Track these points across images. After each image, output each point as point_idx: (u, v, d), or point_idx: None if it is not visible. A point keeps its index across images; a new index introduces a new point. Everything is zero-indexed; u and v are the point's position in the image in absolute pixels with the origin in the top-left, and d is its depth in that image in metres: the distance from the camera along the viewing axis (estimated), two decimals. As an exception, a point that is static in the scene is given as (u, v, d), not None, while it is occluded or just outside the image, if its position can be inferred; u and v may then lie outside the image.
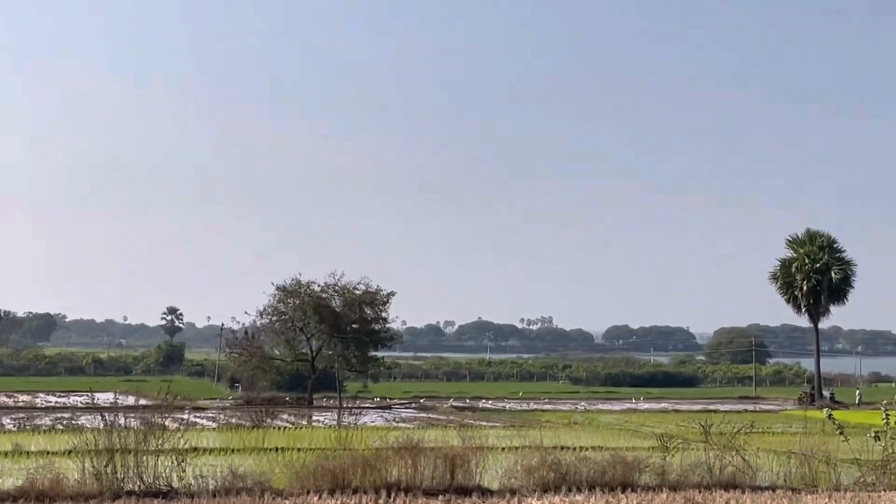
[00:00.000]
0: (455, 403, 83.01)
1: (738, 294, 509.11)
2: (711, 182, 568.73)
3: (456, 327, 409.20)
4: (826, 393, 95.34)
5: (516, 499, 23.60)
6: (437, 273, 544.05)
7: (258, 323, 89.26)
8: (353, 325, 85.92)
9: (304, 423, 59.28)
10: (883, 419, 28.57)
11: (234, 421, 55.84)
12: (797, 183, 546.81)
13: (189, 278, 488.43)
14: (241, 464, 27.13)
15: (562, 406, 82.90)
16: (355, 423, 49.28)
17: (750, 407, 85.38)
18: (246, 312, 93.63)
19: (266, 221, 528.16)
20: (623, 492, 24.58)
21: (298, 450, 33.72)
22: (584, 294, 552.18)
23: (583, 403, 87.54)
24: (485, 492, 24.53)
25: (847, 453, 29.88)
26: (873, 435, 28.36)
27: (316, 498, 23.08)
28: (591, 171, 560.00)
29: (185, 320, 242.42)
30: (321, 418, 64.12)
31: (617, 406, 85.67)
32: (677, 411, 75.69)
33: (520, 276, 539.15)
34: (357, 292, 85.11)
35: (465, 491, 24.38)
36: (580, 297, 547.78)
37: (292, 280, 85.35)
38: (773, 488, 25.82)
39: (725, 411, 64.79)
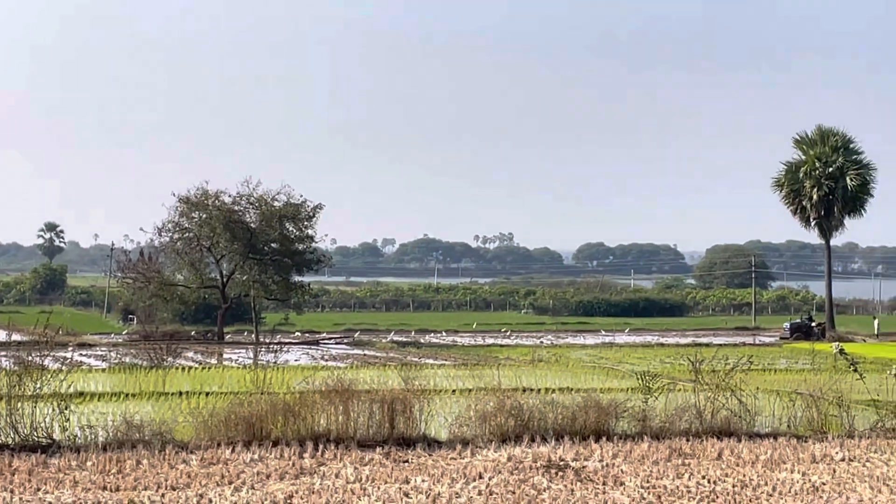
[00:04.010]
0: (396, 338, 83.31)
1: (736, 205, 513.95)
2: (703, 64, 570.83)
3: (397, 247, 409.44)
4: (809, 320, 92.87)
5: (469, 451, 23.80)
6: (373, 183, 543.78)
7: (156, 242, 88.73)
8: (272, 245, 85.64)
9: (214, 362, 59.35)
10: (906, 353, 29.03)
11: (128, 360, 55.78)
12: (808, 72, 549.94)
13: (72, 188, 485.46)
14: (137, 411, 27.16)
15: (524, 340, 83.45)
16: (275, 362, 49.33)
17: (748, 339, 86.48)
18: (141, 229, 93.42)
19: (168, 118, 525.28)
20: (597, 441, 24.85)
21: (207, 394, 33.81)
22: (551, 206, 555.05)
23: (549, 337, 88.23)
24: (431, 443, 24.71)
25: (862, 394, 30.38)
26: (894, 372, 28.80)
27: (228, 451, 23.16)
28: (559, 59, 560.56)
29: (66, 239, 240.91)
30: (234, 356, 64.22)
31: (590, 340, 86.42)
32: (662, 345, 76.51)
33: (473, 184, 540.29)
34: (276, 205, 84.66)
35: (407, 442, 24.55)
36: (545, 209, 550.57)
37: (197, 189, 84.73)
38: (774, 435, 26.20)
39: (719, 345, 65.43)
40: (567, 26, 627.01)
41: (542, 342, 79.70)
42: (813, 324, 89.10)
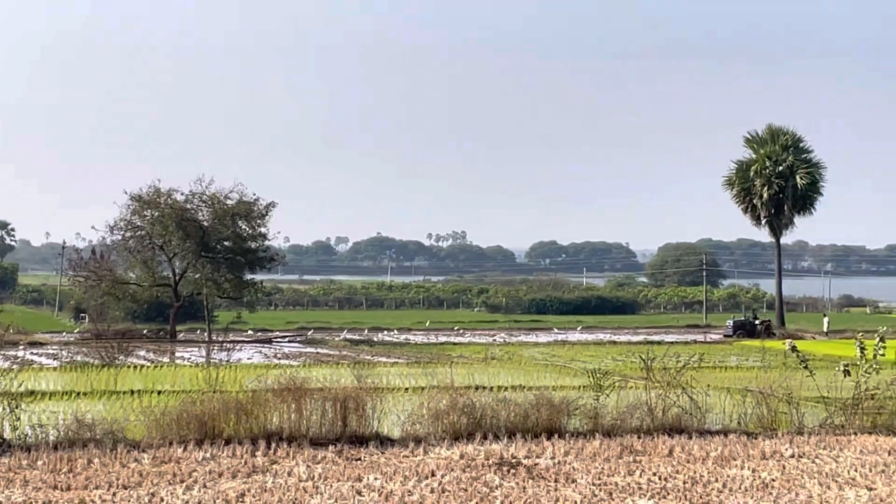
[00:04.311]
0: (349, 336, 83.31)
1: (687, 204, 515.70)
2: (654, 62, 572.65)
3: (350, 245, 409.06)
4: (754, 318, 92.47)
5: (421, 448, 23.79)
6: (326, 181, 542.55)
7: (108, 240, 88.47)
8: (225, 243, 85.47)
9: (166, 360, 59.12)
10: (857, 351, 29.13)
11: (79, 359, 55.38)
12: (760, 73, 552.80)
13: (23, 185, 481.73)
14: (89, 410, 27.00)
15: (477, 338, 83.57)
16: (228, 361, 49.23)
17: (699, 337, 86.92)
18: (93, 227, 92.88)
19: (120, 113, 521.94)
20: (549, 438, 24.89)
21: (159, 393, 33.67)
22: (504, 204, 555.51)
23: (502, 335, 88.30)
24: (384, 440, 24.68)
25: (812, 391, 30.54)
26: (843, 369, 28.95)
27: (180, 450, 23.05)
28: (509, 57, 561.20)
29: (17, 237, 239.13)
30: (186, 355, 63.99)
31: (542, 338, 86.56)
32: (614, 343, 76.75)
33: (426, 183, 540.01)
34: (229, 202, 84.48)
35: (360, 440, 24.51)
36: (499, 208, 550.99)
37: (150, 187, 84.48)
38: (724, 432, 26.32)
39: (670, 342, 65.94)
40: (516, 26, 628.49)
41: (494, 340, 79.81)
42: (757, 322, 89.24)
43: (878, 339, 28.78)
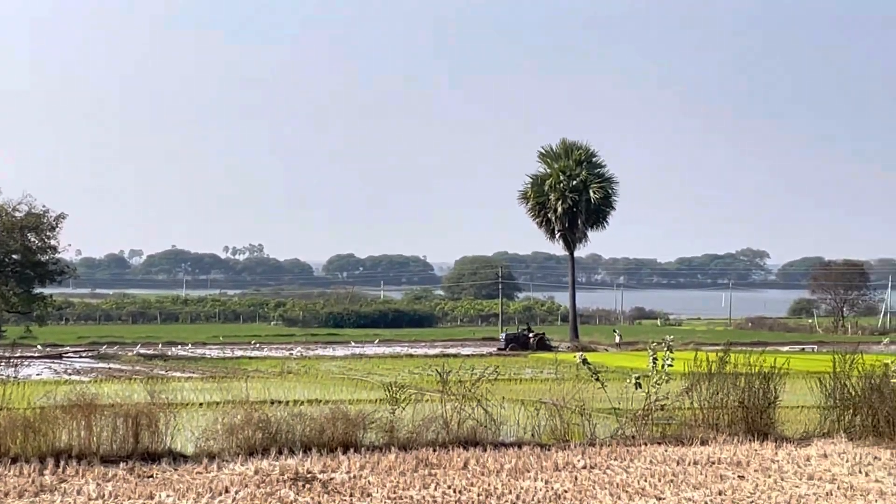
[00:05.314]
0: (142, 351, 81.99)
1: (484, 217, 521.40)
2: (451, 75, 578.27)
3: (144, 258, 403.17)
4: (528, 331, 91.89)
5: (216, 464, 23.56)
6: (118, 191, 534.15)
7: None
8: (13, 256, 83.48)
9: (-49, 377, 57.46)
10: (650, 362, 29.75)
11: None
12: (551, 87, 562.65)
13: None
14: None
15: (273, 352, 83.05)
16: (15, 377, 47.95)
17: (494, 350, 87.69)
18: None
19: None
20: (345, 453, 24.86)
21: (-58, 411, 32.72)
22: (301, 217, 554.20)
23: (299, 349, 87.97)
24: (177, 457, 24.37)
25: (604, 402, 31.10)
26: (635, 381, 29.54)
27: (-36, 470, 22.45)
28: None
29: None
30: (-28, 371, 62.31)
31: (339, 351, 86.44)
32: (411, 356, 77.01)
33: (223, 195, 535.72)
34: (18, 215, 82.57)
35: (152, 457, 24.16)
36: (296, 220, 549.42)
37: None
38: (519, 444, 26.62)
39: (467, 355, 66.62)
40: (307, 24, 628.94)
41: (291, 354, 79.44)
42: (530, 335, 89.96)
43: (665, 348, 29.46)
